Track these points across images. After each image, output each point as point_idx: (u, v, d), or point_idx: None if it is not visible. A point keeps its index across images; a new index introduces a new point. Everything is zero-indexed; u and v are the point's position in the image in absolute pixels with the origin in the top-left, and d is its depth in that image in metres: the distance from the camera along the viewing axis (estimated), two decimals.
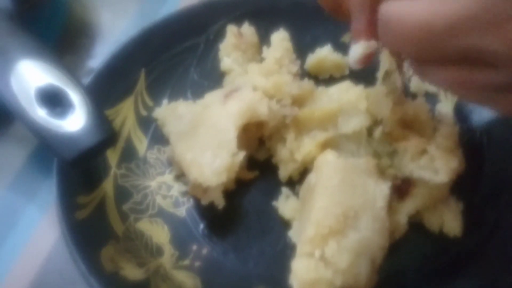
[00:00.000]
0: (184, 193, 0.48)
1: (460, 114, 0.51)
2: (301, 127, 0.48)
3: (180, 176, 0.48)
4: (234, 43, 0.54)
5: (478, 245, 0.44)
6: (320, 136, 0.47)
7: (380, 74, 0.48)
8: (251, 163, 0.49)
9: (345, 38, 0.57)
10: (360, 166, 0.43)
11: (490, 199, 0.46)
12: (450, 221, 0.45)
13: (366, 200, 0.40)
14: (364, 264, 0.38)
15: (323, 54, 0.55)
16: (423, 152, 0.45)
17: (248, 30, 0.55)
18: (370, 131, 0.47)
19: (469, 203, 0.46)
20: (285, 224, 0.46)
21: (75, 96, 0.37)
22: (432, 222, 0.46)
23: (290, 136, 0.47)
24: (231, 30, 0.55)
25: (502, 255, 0.43)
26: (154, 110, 0.52)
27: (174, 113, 0.49)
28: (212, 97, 0.49)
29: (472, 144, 0.49)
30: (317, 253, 0.38)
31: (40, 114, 0.36)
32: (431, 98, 0.53)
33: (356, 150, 0.47)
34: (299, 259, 0.38)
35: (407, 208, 0.45)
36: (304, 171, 0.48)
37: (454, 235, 0.45)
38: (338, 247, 0.38)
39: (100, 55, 0.58)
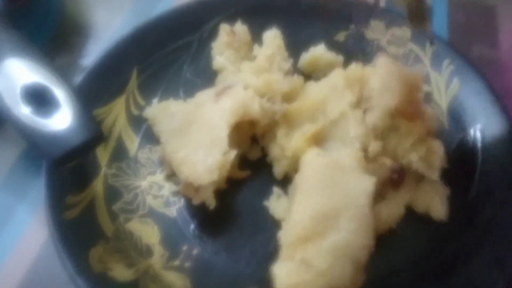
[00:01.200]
0: (175, 193, 0.47)
1: (453, 113, 0.51)
2: (291, 122, 0.48)
3: (171, 175, 0.48)
4: (227, 42, 0.54)
5: (473, 243, 0.44)
6: (309, 128, 0.47)
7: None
8: (242, 162, 0.49)
9: (339, 36, 0.57)
10: (344, 163, 0.42)
11: (485, 197, 0.46)
12: (436, 205, 0.45)
13: (348, 199, 0.40)
14: (347, 265, 0.38)
15: (317, 53, 0.54)
16: (423, 139, 0.45)
17: (241, 28, 0.54)
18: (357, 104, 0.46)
19: (463, 201, 0.46)
20: (277, 224, 0.45)
21: (61, 95, 0.37)
22: (419, 205, 0.46)
23: (281, 133, 0.47)
24: (224, 28, 0.54)
25: (496, 254, 0.42)
26: (146, 109, 0.51)
27: (165, 112, 0.49)
28: (204, 96, 0.49)
29: (466, 144, 0.49)
30: (297, 256, 0.38)
31: (25, 112, 0.36)
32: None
33: (347, 135, 0.46)
34: (280, 263, 0.38)
35: (403, 197, 0.45)
36: (295, 169, 0.47)
37: (439, 219, 0.45)
38: (317, 250, 0.37)
39: (93, 54, 0.58)
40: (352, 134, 0.45)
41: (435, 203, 0.45)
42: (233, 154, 0.43)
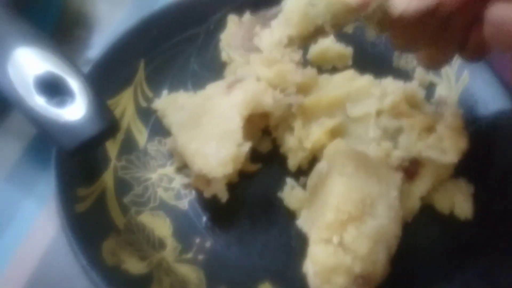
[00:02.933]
0: (186, 186, 0.47)
1: (466, 103, 0.51)
2: (308, 115, 0.48)
3: (182, 168, 0.47)
4: (235, 33, 0.53)
5: (486, 234, 0.44)
6: (328, 122, 0.47)
7: None
8: (253, 155, 0.48)
9: (348, 28, 0.56)
10: (370, 156, 0.42)
11: (499, 188, 0.46)
12: (460, 203, 0.45)
13: (381, 188, 0.40)
14: (382, 251, 0.38)
15: (326, 45, 0.54)
16: (430, 130, 0.45)
17: (249, 19, 0.54)
18: (378, 112, 0.47)
19: (478, 194, 0.46)
20: (290, 216, 0.45)
21: (75, 84, 0.36)
22: (443, 204, 0.46)
23: (298, 125, 0.47)
24: (232, 19, 0.54)
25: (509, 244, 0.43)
26: (154, 101, 0.50)
27: (174, 104, 0.48)
28: (214, 88, 0.48)
29: (478, 136, 0.49)
30: (335, 239, 0.37)
31: (39, 102, 0.35)
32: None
33: (364, 133, 0.47)
34: (316, 246, 0.38)
35: (418, 190, 0.45)
36: (312, 160, 0.47)
37: (464, 218, 0.45)
38: (357, 233, 0.37)
39: (97, 45, 0.57)
40: (371, 135, 0.46)
41: (460, 201, 0.45)
42: (247, 146, 0.43)
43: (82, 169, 0.44)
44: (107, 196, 0.44)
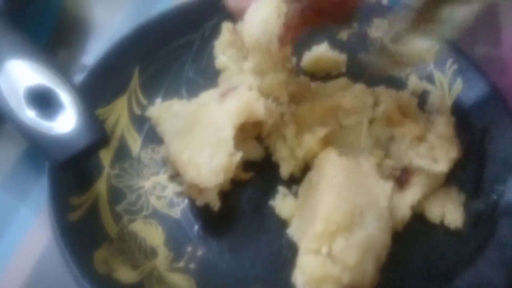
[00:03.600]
0: (179, 194, 0.47)
1: (459, 111, 0.51)
2: (300, 123, 0.48)
3: (175, 176, 0.47)
4: (229, 40, 0.53)
5: (476, 244, 0.44)
6: (321, 131, 0.47)
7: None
8: (245, 163, 0.48)
9: (342, 35, 0.57)
10: (361, 165, 0.43)
11: (490, 198, 0.46)
12: (451, 212, 0.45)
13: (370, 198, 0.40)
14: (371, 261, 0.38)
15: (320, 52, 0.54)
16: (421, 139, 0.45)
17: (243, 27, 0.54)
18: (370, 121, 0.48)
19: (470, 202, 0.46)
20: (282, 224, 0.45)
21: (65, 97, 0.36)
22: (434, 213, 0.46)
23: (290, 133, 0.47)
24: (226, 27, 0.54)
25: (502, 254, 0.43)
26: (148, 108, 0.51)
27: (168, 111, 0.49)
28: (208, 96, 0.48)
29: (471, 144, 0.49)
30: (324, 249, 0.37)
31: (30, 115, 0.35)
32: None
33: (356, 142, 0.47)
34: (305, 256, 0.38)
35: (409, 199, 0.45)
36: (305, 168, 0.47)
37: (455, 227, 0.45)
38: (346, 244, 0.37)
39: (93, 52, 0.57)
40: (363, 143, 0.46)
41: (450, 210, 0.45)
42: (238, 155, 0.43)
43: (76, 178, 0.45)
44: (100, 204, 0.44)
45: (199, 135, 0.45)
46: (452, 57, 0.53)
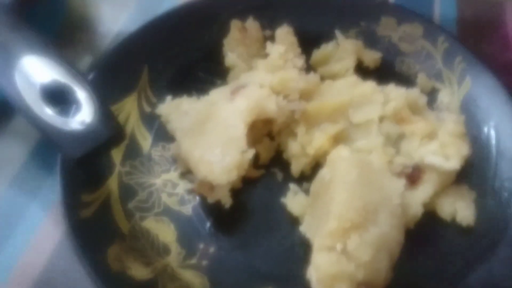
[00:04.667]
0: (190, 191, 0.47)
1: (466, 110, 0.51)
2: (311, 121, 0.48)
3: (186, 173, 0.47)
4: (238, 38, 0.53)
5: (487, 241, 0.44)
6: (331, 128, 0.47)
7: None
8: (256, 160, 0.48)
9: (350, 33, 0.57)
10: (372, 163, 0.43)
11: (501, 194, 0.46)
12: (462, 209, 0.45)
13: (383, 196, 0.40)
14: (384, 258, 0.38)
15: (329, 50, 0.54)
16: (431, 136, 0.46)
17: (252, 25, 0.54)
18: (381, 118, 0.48)
19: (479, 199, 0.46)
20: (293, 221, 0.46)
21: (81, 93, 0.36)
22: (445, 210, 0.46)
23: (301, 131, 0.47)
24: (235, 25, 0.54)
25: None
26: (158, 106, 0.51)
27: (178, 109, 0.49)
28: (218, 94, 0.48)
29: (480, 141, 0.49)
30: (338, 246, 0.37)
31: (46, 111, 0.35)
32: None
33: (367, 140, 0.47)
34: (319, 253, 0.38)
35: (421, 196, 0.45)
36: (316, 166, 0.47)
37: (467, 225, 0.45)
38: (360, 241, 0.37)
39: (100, 50, 0.57)
40: (373, 141, 0.46)
41: (462, 208, 0.45)
42: (250, 153, 0.43)
43: (87, 175, 0.45)
44: (111, 201, 0.44)
45: (210, 133, 0.45)
46: (460, 55, 0.53)
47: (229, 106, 0.46)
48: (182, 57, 0.54)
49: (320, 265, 0.38)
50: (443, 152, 0.44)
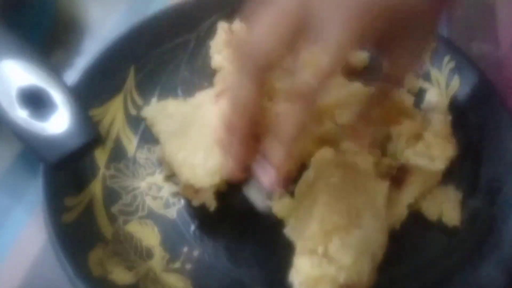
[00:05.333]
0: (175, 194, 0.47)
1: (456, 109, 0.50)
2: None
3: (171, 176, 0.47)
4: (225, 40, 0.53)
5: (474, 242, 0.44)
6: (316, 130, 0.47)
7: None
8: None
9: None
10: (357, 165, 0.43)
11: (489, 197, 0.45)
12: (448, 210, 0.45)
13: (367, 198, 0.40)
14: (367, 261, 0.38)
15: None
16: (418, 137, 0.45)
17: (239, 27, 0.54)
18: None
19: (467, 201, 0.46)
20: (279, 224, 0.45)
21: (58, 97, 0.36)
22: (431, 211, 0.45)
23: None
24: (222, 27, 0.54)
25: (501, 255, 0.42)
26: (144, 108, 0.50)
27: (163, 112, 0.49)
28: (203, 97, 0.48)
29: (468, 142, 0.49)
30: (320, 249, 0.37)
31: (22, 115, 0.35)
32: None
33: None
34: (301, 256, 0.38)
35: (406, 197, 0.45)
36: (301, 168, 0.47)
37: (453, 225, 0.45)
38: (342, 244, 0.37)
39: (88, 52, 0.57)
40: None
41: (448, 208, 0.45)
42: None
43: (71, 178, 0.44)
44: (95, 205, 0.44)
45: (195, 136, 0.45)
46: (448, 54, 0.53)
47: (213, 109, 0.46)
48: (169, 59, 0.54)
49: (302, 268, 0.37)
50: (429, 153, 0.44)
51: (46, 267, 0.43)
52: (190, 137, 0.45)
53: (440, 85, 0.52)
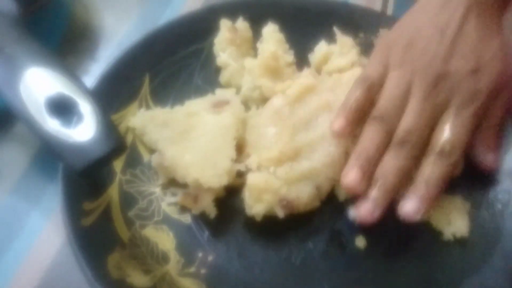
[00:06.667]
0: (174, 204, 0.47)
1: None
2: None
3: (168, 185, 0.48)
4: (228, 38, 0.54)
5: (484, 253, 0.45)
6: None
7: None
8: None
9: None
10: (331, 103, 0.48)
11: (494, 205, 0.47)
12: (457, 221, 0.46)
13: (323, 136, 0.46)
14: (309, 186, 0.45)
15: (325, 48, 0.55)
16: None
17: (242, 25, 0.55)
18: None
19: (474, 209, 0.47)
20: (291, 230, 0.47)
21: (84, 105, 0.37)
22: (439, 221, 0.46)
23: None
24: (225, 24, 0.55)
25: (507, 263, 0.44)
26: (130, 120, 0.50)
27: (154, 121, 0.49)
28: (196, 106, 0.50)
29: None
30: (271, 169, 0.45)
31: (50, 124, 0.36)
32: None
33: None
34: (255, 172, 0.45)
35: None
36: None
37: (461, 235, 0.46)
38: (290, 169, 0.45)
39: (102, 59, 0.58)
40: None
41: (456, 218, 0.46)
42: (242, 165, 0.46)
43: (88, 183, 0.45)
44: (112, 210, 0.45)
45: (198, 141, 0.46)
46: None
47: (212, 119, 0.48)
48: (182, 66, 0.55)
49: (252, 180, 0.44)
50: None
51: (62, 271, 0.44)
52: (194, 142, 0.46)
53: None
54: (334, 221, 0.47)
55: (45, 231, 0.46)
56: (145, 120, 0.49)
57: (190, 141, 0.46)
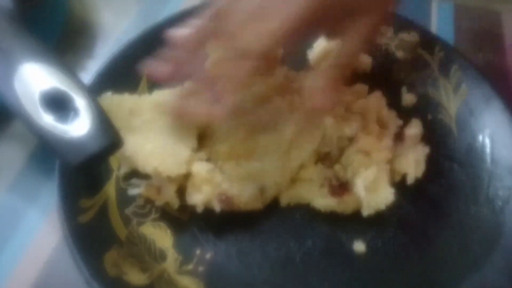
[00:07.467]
0: (137, 196, 0.47)
1: (462, 119, 0.52)
2: None
3: (130, 175, 0.47)
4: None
5: (484, 250, 0.44)
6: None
7: None
8: None
9: None
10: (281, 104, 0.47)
11: (494, 204, 0.46)
12: (412, 165, 0.47)
13: (279, 140, 0.46)
14: (253, 187, 0.45)
15: (323, 45, 0.55)
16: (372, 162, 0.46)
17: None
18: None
19: (472, 207, 0.47)
20: (290, 229, 0.46)
21: (80, 100, 0.37)
22: (397, 168, 0.47)
23: None
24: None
25: (507, 260, 0.43)
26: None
27: (120, 107, 0.47)
28: (163, 95, 0.48)
29: (474, 149, 0.49)
30: (219, 163, 0.45)
31: (45, 119, 0.36)
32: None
33: None
34: (202, 162, 0.45)
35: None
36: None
37: (416, 177, 0.47)
38: (236, 166, 0.45)
39: (100, 56, 0.58)
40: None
41: (411, 163, 0.47)
42: (202, 154, 0.46)
43: (85, 181, 0.45)
44: (109, 207, 0.45)
45: (161, 132, 0.46)
46: (456, 64, 0.54)
47: None
48: None
49: (196, 170, 0.44)
50: (374, 188, 0.45)
51: (60, 268, 0.44)
52: (156, 132, 0.45)
53: (447, 94, 0.53)
54: (334, 220, 0.47)
55: (42, 229, 0.46)
56: (112, 104, 0.47)
57: (154, 131, 0.45)
